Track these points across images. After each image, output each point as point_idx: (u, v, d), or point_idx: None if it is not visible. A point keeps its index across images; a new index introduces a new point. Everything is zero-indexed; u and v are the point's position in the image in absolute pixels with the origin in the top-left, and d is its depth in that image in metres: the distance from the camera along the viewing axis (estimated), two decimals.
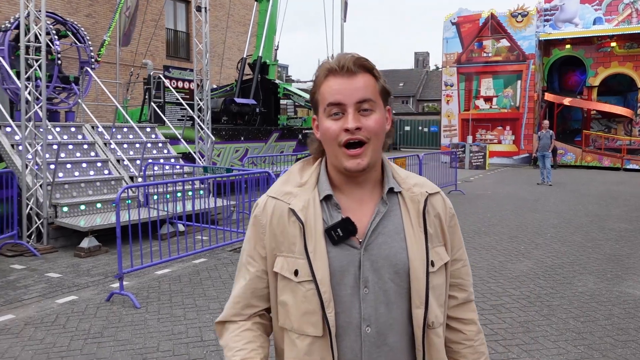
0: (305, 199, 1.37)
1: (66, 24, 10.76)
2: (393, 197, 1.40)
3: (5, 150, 8.29)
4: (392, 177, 1.42)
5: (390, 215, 1.38)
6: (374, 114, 1.33)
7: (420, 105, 59.53)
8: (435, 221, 1.41)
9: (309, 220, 1.34)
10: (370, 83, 1.34)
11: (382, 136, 1.37)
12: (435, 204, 1.43)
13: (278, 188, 1.43)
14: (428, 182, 1.47)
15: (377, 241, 1.34)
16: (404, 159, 12.11)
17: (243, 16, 24.42)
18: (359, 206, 1.38)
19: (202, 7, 10.62)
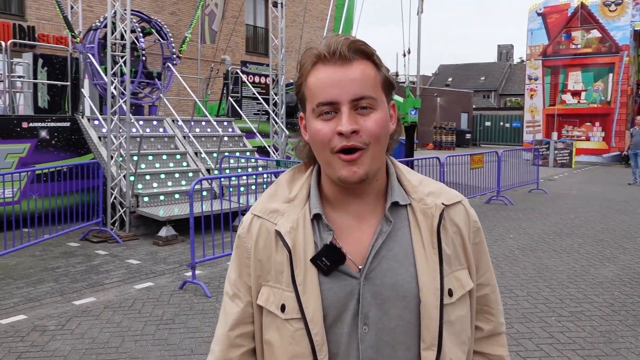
0: (293, 218, 1.13)
1: (150, 22, 11.23)
2: (401, 211, 1.14)
3: (93, 142, 8.79)
4: (397, 187, 1.16)
5: (397, 235, 1.12)
6: (374, 113, 1.07)
7: (503, 100, 57.46)
8: (454, 239, 1.15)
9: (298, 245, 1.11)
10: (369, 73, 1.08)
11: (385, 139, 1.11)
12: (455, 217, 1.16)
13: (263, 205, 1.19)
14: (446, 190, 1.20)
15: (380, 268, 1.09)
16: (482, 155, 11.68)
17: (321, 11, 24.53)
18: (358, 224, 1.14)
19: (279, 3, 10.75)
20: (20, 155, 8.37)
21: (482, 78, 60.43)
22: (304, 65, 1.12)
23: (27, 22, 15.77)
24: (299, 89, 1.14)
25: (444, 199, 1.16)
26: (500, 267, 6.52)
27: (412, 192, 1.16)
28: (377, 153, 1.09)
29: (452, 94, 37.66)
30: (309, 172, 1.20)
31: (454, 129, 31.90)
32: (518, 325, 4.67)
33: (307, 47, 1.13)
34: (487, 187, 11.85)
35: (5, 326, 4.58)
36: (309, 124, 1.11)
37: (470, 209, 1.21)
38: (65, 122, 8.93)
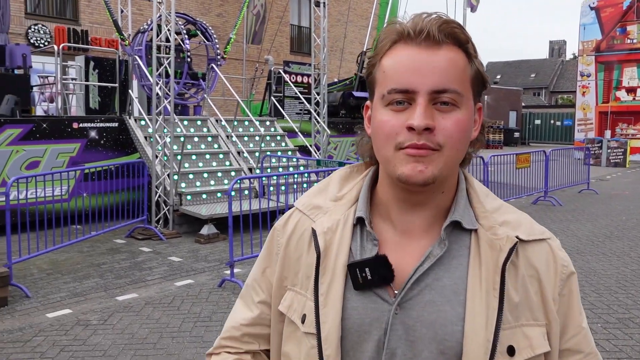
0: (335, 218, 0.99)
1: (196, 24, 11.45)
2: (463, 236, 0.94)
3: (139, 141, 9.04)
4: (465, 206, 0.96)
5: (450, 263, 0.92)
6: (456, 112, 0.89)
7: (554, 97, 55.75)
8: (528, 284, 0.92)
9: (331, 248, 0.96)
10: (459, 63, 0.89)
11: (464, 146, 0.92)
12: (533, 258, 0.94)
13: (309, 199, 1.06)
14: (529, 223, 0.97)
15: (420, 298, 0.91)
16: (528, 154, 11.35)
17: (365, 9, 24.41)
18: (406, 241, 0.96)
19: (321, 2, 10.76)
20: (70, 154, 8.69)
21: (533, 75, 58.79)
22: (381, 43, 0.93)
23: (81, 27, 16.36)
24: (370, 70, 0.96)
25: (522, 233, 0.94)
26: None
27: (483, 217, 0.95)
28: (452, 159, 0.90)
29: (500, 92, 36.80)
30: (366, 173, 1.04)
31: (501, 127, 31.17)
32: None
33: (389, 21, 0.94)
34: (534, 188, 11.52)
35: (51, 320, 4.76)
36: (375, 114, 0.93)
37: (559, 251, 0.97)
38: (113, 122, 9.22)
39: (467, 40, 0.91)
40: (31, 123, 8.30)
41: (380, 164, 0.97)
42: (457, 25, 0.90)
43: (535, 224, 0.98)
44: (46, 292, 5.50)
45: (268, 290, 1.05)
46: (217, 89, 14.79)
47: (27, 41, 14.87)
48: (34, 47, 14.28)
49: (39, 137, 8.32)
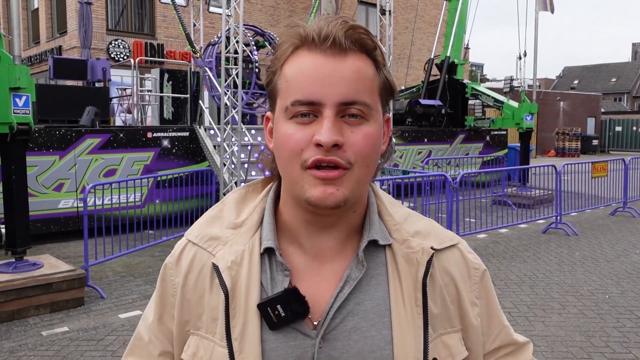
0: (237, 250, 0.88)
1: (264, 35, 11.73)
2: (377, 254, 0.89)
3: (208, 150, 9.35)
4: (378, 222, 0.90)
5: (369, 284, 0.87)
6: (366, 125, 0.82)
7: (637, 103, 52.70)
8: (446, 293, 0.89)
9: (239, 285, 0.86)
10: (368, 72, 0.83)
11: (375, 162, 0.86)
12: (448, 265, 0.91)
13: (201, 229, 0.94)
14: (437, 229, 0.94)
15: (344, 327, 0.85)
16: (605, 163, 10.78)
17: (434, 16, 24.13)
18: (319, 266, 0.88)
19: (387, 11, 10.76)
20: (145, 162, 9.12)
21: (613, 79, 55.87)
22: (282, 48, 0.85)
23: (157, 40, 17.17)
24: (270, 77, 0.87)
25: (434, 242, 0.91)
26: (621, 284, 5.98)
27: (395, 230, 0.90)
28: (363, 177, 0.84)
29: (577, 98, 35.21)
30: (265, 192, 0.95)
31: (578, 135, 29.77)
32: (636, 351, 4.25)
33: (291, 24, 0.85)
34: (612, 198, 10.93)
35: (123, 320, 5.00)
36: (277, 127, 0.85)
37: (469, 253, 0.95)
38: (184, 132, 9.59)
39: (374, 47, 0.84)
40: (109, 133, 8.79)
41: (285, 184, 0.88)
42: (364, 31, 0.83)
43: (442, 229, 0.95)
44: (119, 294, 5.78)
45: (168, 338, 0.93)
46: None
47: (108, 55, 15.77)
48: (113, 61, 15.14)
49: (116, 146, 8.79)
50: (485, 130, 15.25)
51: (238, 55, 8.61)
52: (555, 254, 7.45)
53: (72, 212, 8.41)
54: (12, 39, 5.37)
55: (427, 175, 8.05)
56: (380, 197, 0.94)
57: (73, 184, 8.39)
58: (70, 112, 9.23)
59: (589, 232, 8.95)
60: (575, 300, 5.43)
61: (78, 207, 8.44)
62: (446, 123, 14.90)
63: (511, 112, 13.60)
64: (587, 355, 4.11)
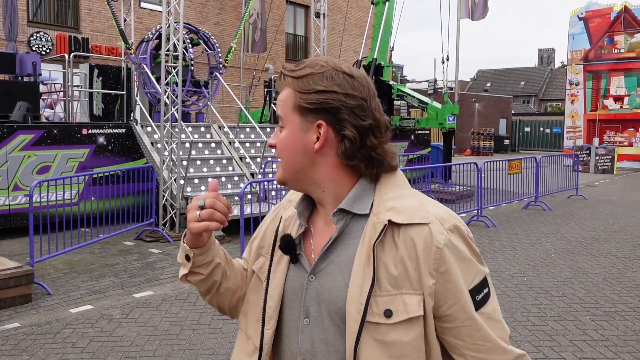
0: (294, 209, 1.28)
1: (198, 33, 11.78)
2: (361, 221, 1.17)
3: (146, 147, 9.34)
4: (358, 197, 1.18)
5: (347, 243, 1.17)
6: (282, 132, 1.20)
7: (543, 105, 56.55)
8: (407, 261, 1.10)
9: (285, 231, 1.28)
10: (287, 97, 1.19)
11: (293, 156, 1.19)
12: (415, 239, 1.11)
13: (289, 195, 1.39)
14: (415, 209, 1.15)
15: (326, 270, 1.18)
16: (519, 161, 11.76)
17: (359, 19, 24.85)
18: (326, 227, 1.22)
19: (321, 14, 11.15)
20: (79, 159, 8.98)
21: (522, 83, 59.58)
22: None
23: (82, 34, 16.63)
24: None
25: (401, 218, 1.13)
26: (536, 268, 6.69)
27: (377, 204, 1.17)
28: (289, 166, 1.20)
29: (490, 100, 37.37)
30: None
31: (492, 135, 31.68)
32: (552, 323, 4.87)
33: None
34: (525, 193, 11.93)
35: (75, 314, 5.06)
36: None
37: (439, 233, 1.11)
38: (120, 128, 9.51)
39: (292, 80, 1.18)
40: (42, 129, 8.59)
41: None
42: (289, 70, 1.19)
43: (430, 210, 1.14)
44: (66, 290, 5.79)
45: (249, 252, 1.39)
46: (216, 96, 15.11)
47: (30, 48, 15.12)
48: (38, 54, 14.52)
49: (49, 143, 8.60)
50: (410, 129, 16.03)
51: (177, 52, 8.68)
52: (478, 243, 8.04)
53: (3, 210, 8.16)
54: None
55: None
56: (383, 182, 1.20)
57: (4, 181, 8.14)
58: None
59: (506, 224, 9.78)
60: (499, 283, 6.05)
61: (10, 205, 8.20)
62: None
63: (435, 112, 14.41)
64: (512, 328, 4.67)
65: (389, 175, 1.21)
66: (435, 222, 1.12)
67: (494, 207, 11.25)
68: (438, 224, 1.12)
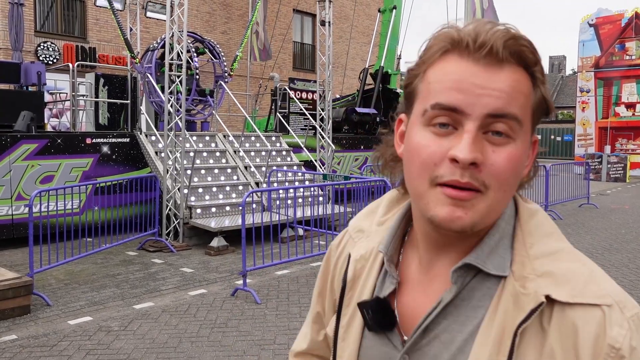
0: (371, 246, 0.90)
1: (204, 42, 11.76)
2: (491, 284, 0.78)
3: (150, 156, 9.30)
4: (497, 247, 0.79)
5: (466, 315, 0.78)
6: (511, 146, 0.74)
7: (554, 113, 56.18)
8: (557, 356, 0.71)
9: (360, 278, 0.89)
10: (522, 87, 0.75)
11: (513, 187, 0.77)
12: (576, 325, 0.72)
13: (358, 220, 0.98)
14: (584, 278, 0.74)
15: (428, 350, 0.80)
16: None
17: (367, 27, 24.83)
18: (430, 282, 0.83)
19: (326, 22, 11.09)
20: (83, 169, 8.94)
21: None
22: (429, 50, 0.78)
23: (89, 44, 16.71)
24: (411, 80, 0.80)
25: (563, 292, 0.73)
26: None
27: (519, 262, 0.77)
28: (497, 203, 0.75)
29: None
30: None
31: None
32: None
33: (443, 26, 0.78)
34: (534, 202, 11.70)
35: (73, 326, 4.97)
36: (411, 133, 0.78)
37: (618, 326, 0.70)
38: (124, 138, 9.48)
39: (535, 62, 0.76)
40: (46, 138, 8.56)
41: (410, 194, 0.83)
42: (528, 43, 0.75)
43: (598, 283, 0.74)
44: (66, 301, 5.71)
45: (323, 308, 1.02)
46: (222, 105, 15.09)
47: (37, 58, 15.21)
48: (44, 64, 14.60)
49: (53, 152, 8.57)
50: None
51: (182, 61, 8.63)
52: None
53: (6, 219, 8.12)
54: None
55: (368, 180, 8.40)
56: (522, 222, 0.81)
57: (8, 191, 8.11)
58: (3, 116, 8.90)
59: None
60: None
61: (13, 215, 8.17)
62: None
63: None
64: None
65: (531, 210, 0.83)
66: (615, 306, 0.72)
67: None
68: (617, 311, 0.72)
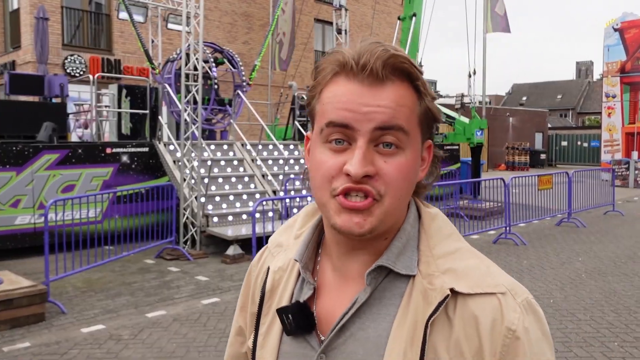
0: (289, 258, 0.95)
1: (223, 52, 11.90)
2: (400, 283, 0.85)
3: (168, 165, 9.41)
4: (404, 249, 0.85)
5: (379, 313, 0.84)
6: (400, 155, 0.80)
7: (581, 119, 55.17)
8: (464, 345, 0.79)
9: (278, 289, 0.94)
10: (406, 101, 0.81)
11: (407, 192, 0.84)
12: (476, 314, 0.80)
13: (276, 235, 1.03)
14: (481, 273, 0.83)
15: (344, 348, 0.84)
16: (550, 176, 11.37)
17: (387, 35, 24.79)
18: (344, 285, 0.88)
19: (343, 30, 11.12)
20: (104, 178, 9.09)
21: (559, 96, 58.36)
22: (322, 73, 0.84)
23: (114, 56, 17.06)
24: (309, 100, 0.87)
25: (464, 285, 0.81)
26: (564, 289, 6.37)
27: (425, 262, 0.84)
28: (393, 208, 0.82)
29: (525, 114, 36.67)
30: None
31: (527, 149, 30.97)
32: (577, 349, 4.59)
33: (332, 50, 0.85)
34: (558, 209, 11.52)
35: (85, 334, 5.03)
36: (313, 149, 0.85)
37: (512, 310, 0.79)
38: (144, 147, 9.62)
39: (416, 77, 0.82)
40: (67, 148, 8.74)
41: (317, 204, 0.89)
42: (407, 60, 0.81)
43: (494, 275, 0.83)
44: (81, 309, 5.79)
45: (245, 323, 1.06)
46: (243, 114, 15.21)
47: (64, 71, 15.58)
48: (70, 76, 14.97)
49: (74, 162, 8.74)
50: (438, 145, 15.72)
51: (198, 72, 8.74)
52: (504, 262, 7.84)
53: (29, 228, 8.30)
54: None
55: None
56: (425, 226, 0.88)
57: (30, 200, 8.30)
58: (26, 127, 9.13)
59: (536, 242, 9.42)
60: None
61: (35, 224, 8.34)
62: None
63: (462, 127, 14.16)
64: None
65: (431, 214, 0.90)
66: (509, 292, 0.81)
67: (524, 224, 10.89)
68: (510, 297, 0.80)
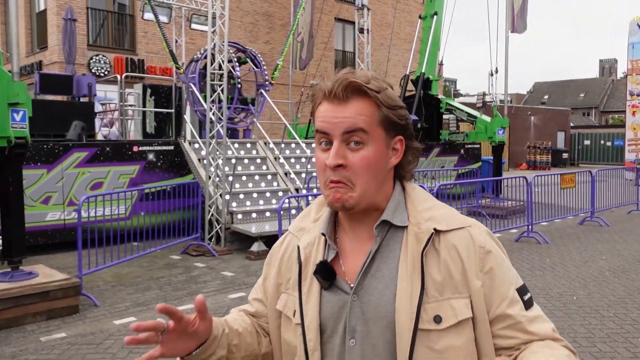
0: (313, 235, 1.26)
1: (246, 52, 12.05)
2: (399, 233, 1.18)
3: (193, 163, 9.59)
4: (396, 209, 1.19)
5: (387, 256, 1.17)
6: (364, 150, 1.13)
7: (604, 117, 54.37)
8: (451, 266, 1.13)
9: (309, 259, 1.24)
10: (365, 111, 1.13)
11: (374, 176, 1.15)
12: (456, 244, 1.15)
13: (296, 223, 1.34)
14: (453, 216, 1.19)
15: (368, 286, 1.17)
16: (573, 175, 11.30)
17: (408, 34, 24.75)
18: (359, 246, 1.21)
19: (365, 29, 11.19)
20: (131, 176, 9.30)
21: (582, 95, 57.58)
22: (315, 98, 1.20)
23: (138, 56, 17.34)
24: (311, 116, 1.23)
25: (442, 225, 1.16)
26: (587, 287, 6.38)
27: (413, 216, 1.18)
28: (368, 187, 1.15)
29: (547, 112, 36.27)
30: None
31: (549, 148, 30.67)
32: (601, 345, 4.63)
33: (319, 81, 1.21)
34: (581, 208, 11.45)
35: (118, 326, 5.21)
36: (315, 150, 1.20)
37: (479, 235, 1.17)
38: (169, 145, 9.81)
39: (374, 93, 1.13)
40: (96, 147, 8.97)
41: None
42: (360, 83, 1.12)
43: (460, 217, 1.19)
44: (112, 302, 5.97)
45: (264, 293, 1.35)
46: (265, 112, 15.36)
47: (89, 71, 15.89)
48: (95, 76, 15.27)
49: (102, 160, 8.97)
50: (459, 143, 15.75)
51: (223, 71, 8.89)
52: (527, 260, 7.85)
53: (59, 224, 8.54)
54: (11, 56, 5.58)
55: None
56: (410, 194, 1.23)
57: (60, 196, 8.53)
58: (56, 126, 9.38)
59: (559, 240, 9.40)
60: (546, 302, 5.81)
61: (65, 220, 8.58)
62: (422, 137, 15.33)
63: (484, 126, 14.11)
64: None
65: (412, 186, 1.25)
66: (473, 225, 1.18)
67: (547, 222, 10.86)
68: (476, 227, 1.18)
